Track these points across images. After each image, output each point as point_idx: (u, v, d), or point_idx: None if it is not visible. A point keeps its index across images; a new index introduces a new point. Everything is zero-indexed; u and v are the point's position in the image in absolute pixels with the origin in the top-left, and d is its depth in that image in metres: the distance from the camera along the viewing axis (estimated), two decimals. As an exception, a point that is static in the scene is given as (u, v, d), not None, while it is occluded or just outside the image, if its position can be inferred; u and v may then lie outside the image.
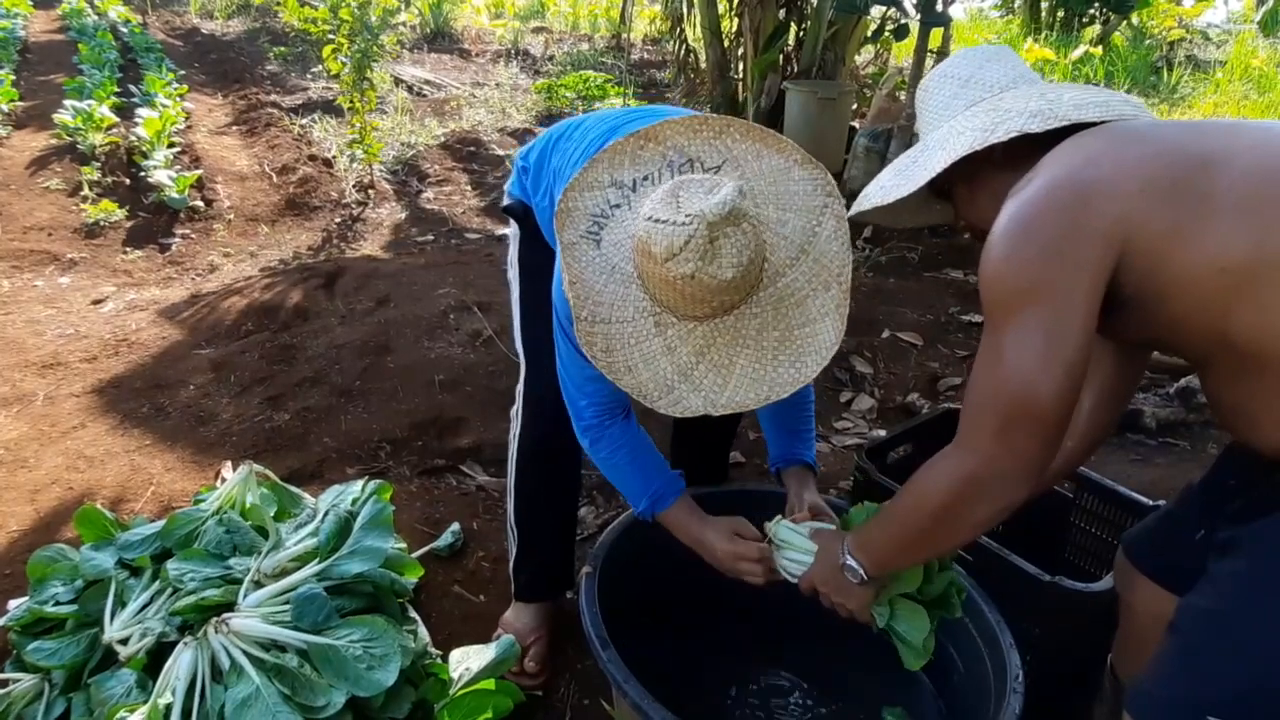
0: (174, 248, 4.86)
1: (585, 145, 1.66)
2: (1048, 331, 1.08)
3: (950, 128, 1.33)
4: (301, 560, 1.81)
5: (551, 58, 10.36)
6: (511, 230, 2.00)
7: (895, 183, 1.36)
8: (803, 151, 1.46)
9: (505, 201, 1.95)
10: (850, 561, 1.41)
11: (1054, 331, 1.08)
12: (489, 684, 1.73)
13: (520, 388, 1.96)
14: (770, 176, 1.44)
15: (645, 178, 1.46)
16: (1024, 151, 1.22)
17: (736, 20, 6.37)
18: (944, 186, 1.37)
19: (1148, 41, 10.34)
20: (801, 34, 6.06)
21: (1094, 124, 1.21)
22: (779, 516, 1.68)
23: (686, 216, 1.28)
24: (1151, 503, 1.98)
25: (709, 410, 1.36)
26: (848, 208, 1.44)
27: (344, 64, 5.51)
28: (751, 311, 1.37)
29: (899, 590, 1.47)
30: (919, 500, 1.25)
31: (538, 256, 1.88)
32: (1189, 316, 1.10)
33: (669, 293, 1.34)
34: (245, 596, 1.71)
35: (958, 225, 1.46)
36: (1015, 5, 12.16)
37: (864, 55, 7.35)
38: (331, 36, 5.51)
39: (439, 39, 11.10)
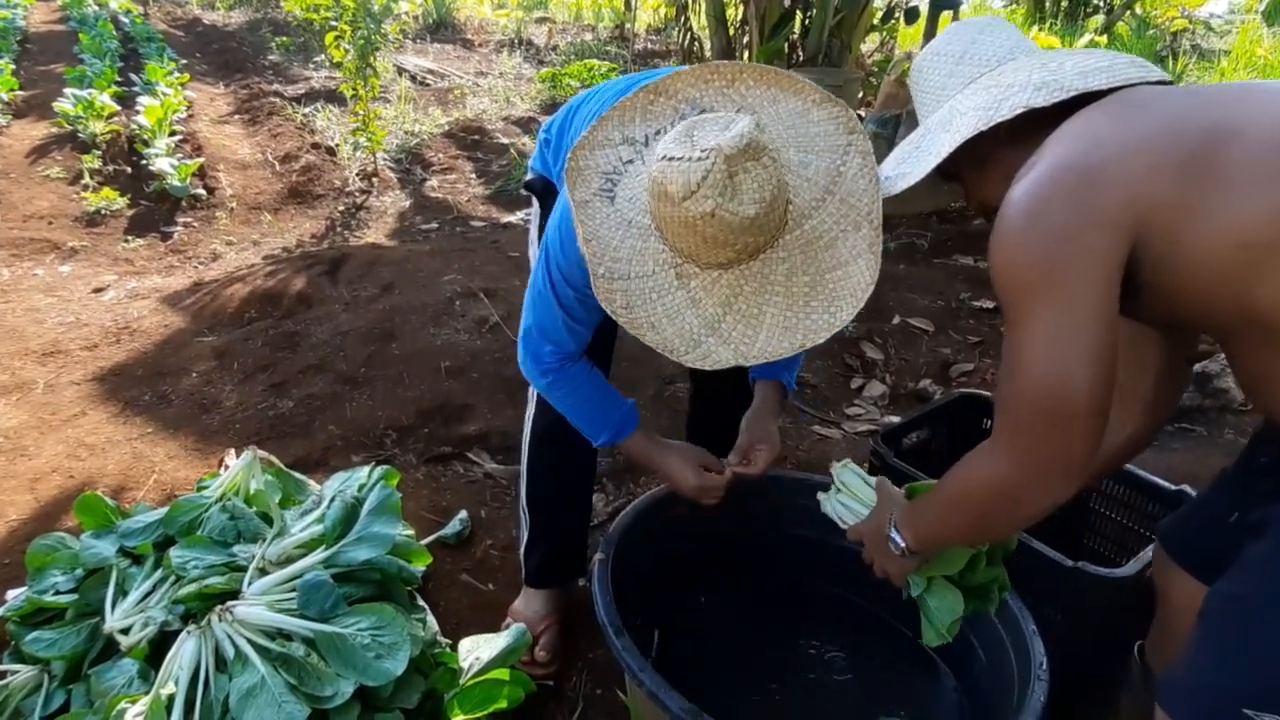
0: (176, 236, 4.81)
1: (603, 108, 1.62)
2: (1067, 325, 1.04)
3: (951, 108, 1.28)
4: (307, 547, 1.78)
5: (555, 47, 10.30)
6: (533, 209, 1.95)
7: (899, 172, 1.32)
8: (821, 90, 1.40)
9: (527, 177, 1.90)
10: (894, 534, 1.39)
11: (1073, 324, 1.03)
12: (500, 673, 1.69)
13: None
14: (788, 121, 1.38)
15: (658, 132, 1.40)
16: (1031, 125, 1.16)
17: (741, 8, 6.30)
18: (950, 168, 1.30)
19: (1151, 32, 10.26)
20: (807, 21, 6.00)
21: (1103, 92, 1.16)
22: (846, 460, 1.66)
23: (702, 151, 1.23)
24: (1173, 487, 1.94)
25: (740, 362, 1.31)
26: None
27: (347, 51, 5.46)
28: (778, 256, 1.31)
29: (940, 570, 1.45)
30: (961, 495, 1.24)
31: None
32: (1210, 294, 1.06)
33: (689, 238, 1.28)
34: (250, 584, 1.67)
35: (969, 205, 1.40)
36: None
37: (870, 43, 7.29)
38: (334, 24, 5.46)
39: (442, 29, 11.04)
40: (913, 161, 1.30)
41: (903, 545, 1.38)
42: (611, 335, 1.91)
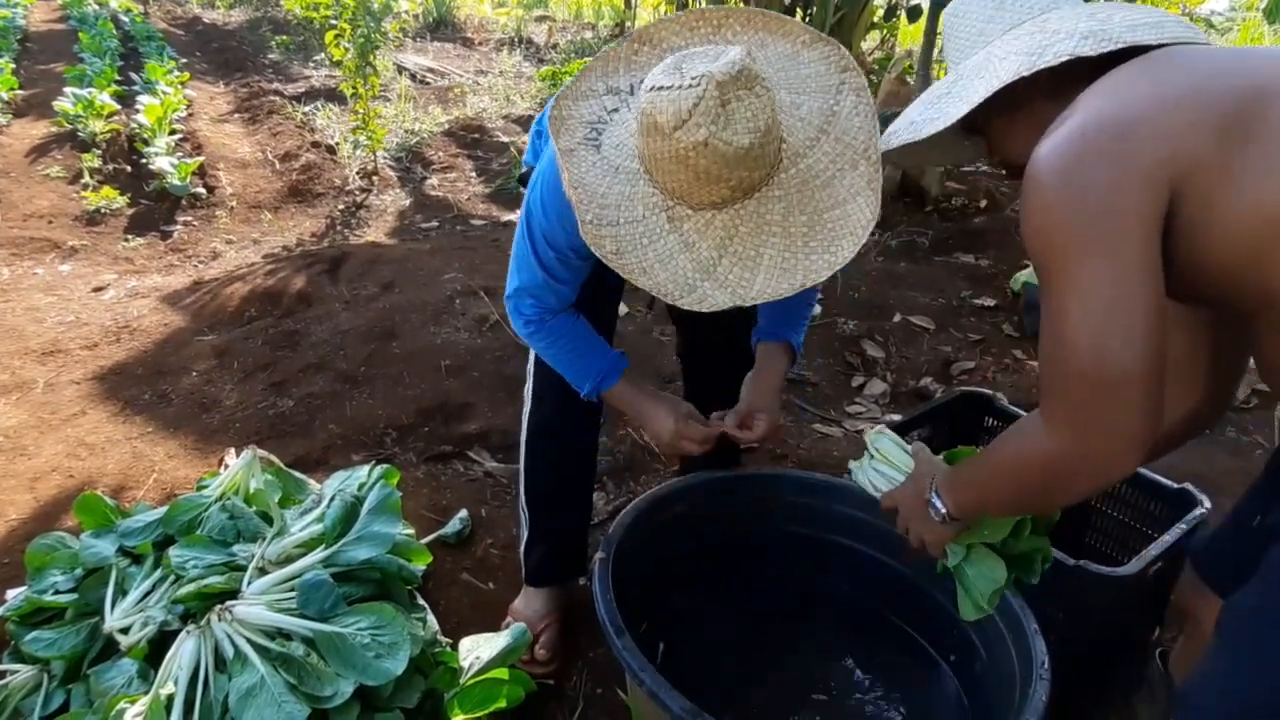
0: (176, 235, 4.81)
1: None
2: (1110, 285, 0.96)
3: (989, 53, 1.20)
4: (307, 546, 1.77)
5: (555, 46, 10.29)
6: None
7: (928, 116, 1.23)
8: (811, 30, 1.37)
9: (521, 170, 1.89)
10: (935, 499, 1.33)
11: (1117, 284, 0.96)
12: (500, 673, 1.68)
13: (530, 366, 1.92)
14: (778, 64, 1.35)
15: (643, 81, 1.37)
16: (1070, 79, 1.10)
17: (742, 6, 6.30)
18: (977, 120, 1.23)
19: (1155, 28, 10.23)
20: (808, 20, 5.99)
21: (1148, 49, 1.10)
22: (881, 425, 1.60)
23: (693, 79, 1.19)
24: (1175, 485, 1.93)
25: (737, 303, 1.27)
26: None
27: (346, 50, 5.46)
28: (774, 194, 1.27)
29: (981, 538, 1.38)
30: (1010, 466, 1.16)
31: None
32: (1235, 270, 1.00)
33: (681, 174, 1.24)
34: (249, 584, 1.67)
35: (992, 161, 1.35)
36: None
37: (870, 41, 7.27)
38: (334, 23, 5.46)
39: (442, 28, 11.04)
40: (942, 106, 1.23)
41: (944, 511, 1.31)
42: (617, 294, 1.90)
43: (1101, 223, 0.98)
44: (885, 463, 1.53)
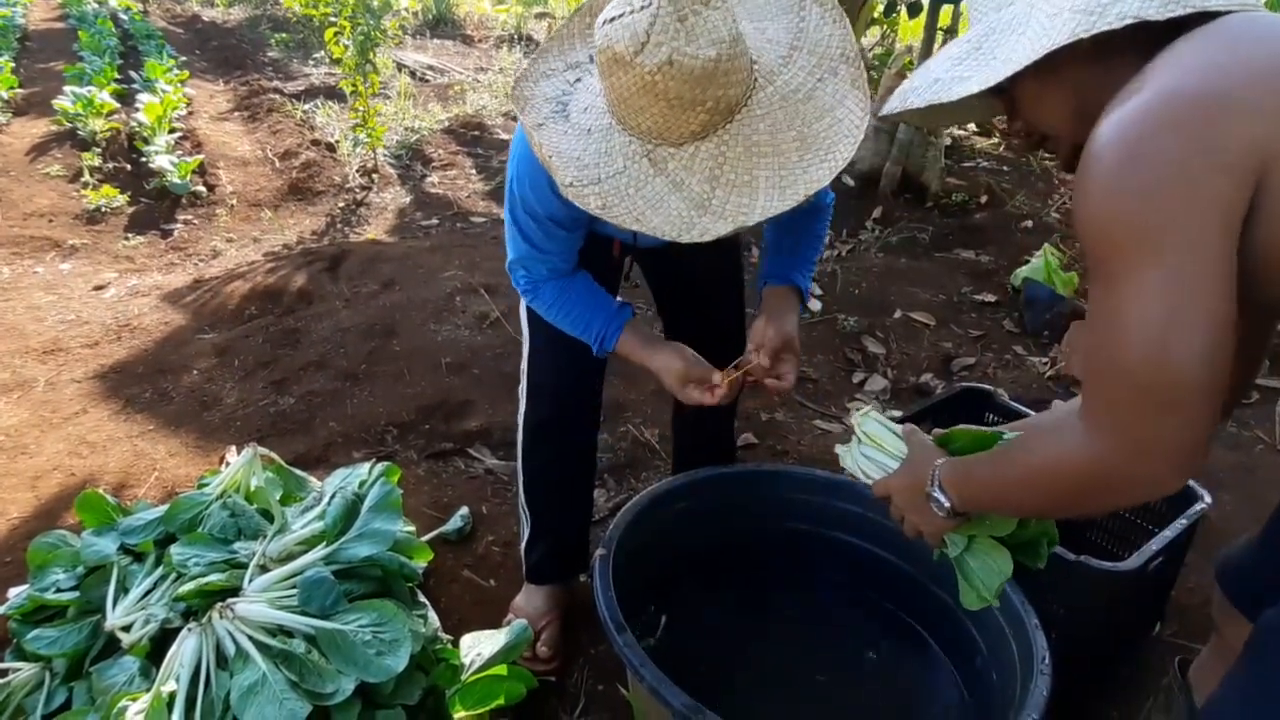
0: (176, 233, 4.81)
1: None
2: (1175, 285, 0.86)
3: (1030, 4, 1.06)
4: (308, 544, 1.78)
5: (554, 42, 10.27)
6: None
7: (957, 75, 1.10)
8: None
9: None
10: (938, 494, 1.23)
11: (1184, 285, 0.85)
12: (501, 669, 1.69)
13: (524, 365, 1.91)
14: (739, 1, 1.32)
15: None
16: (1126, 45, 0.98)
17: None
18: (1003, 81, 1.09)
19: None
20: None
21: (1218, 14, 0.97)
22: (868, 406, 1.50)
23: (644, 1, 1.16)
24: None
25: (741, 228, 1.23)
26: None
27: (346, 47, 5.45)
28: (756, 114, 1.23)
29: (987, 531, 1.30)
30: (1041, 473, 1.05)
31: None
32: None
33: (653, 106, 1.20)
34: (250, 581, 1.67)
35: (1010, 128, 1.20)
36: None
37: (870, 37, 7.26)
38: (333, 20, 5.45)
39: (441, 25, 11.02)
40: (974, 64, 1.09)
41: (948, 506, 1.22)
42: (620, 266, 1.90)
43: (1175, 214, 0.86)
44: (874, 447, 1.44)
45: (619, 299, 1.73)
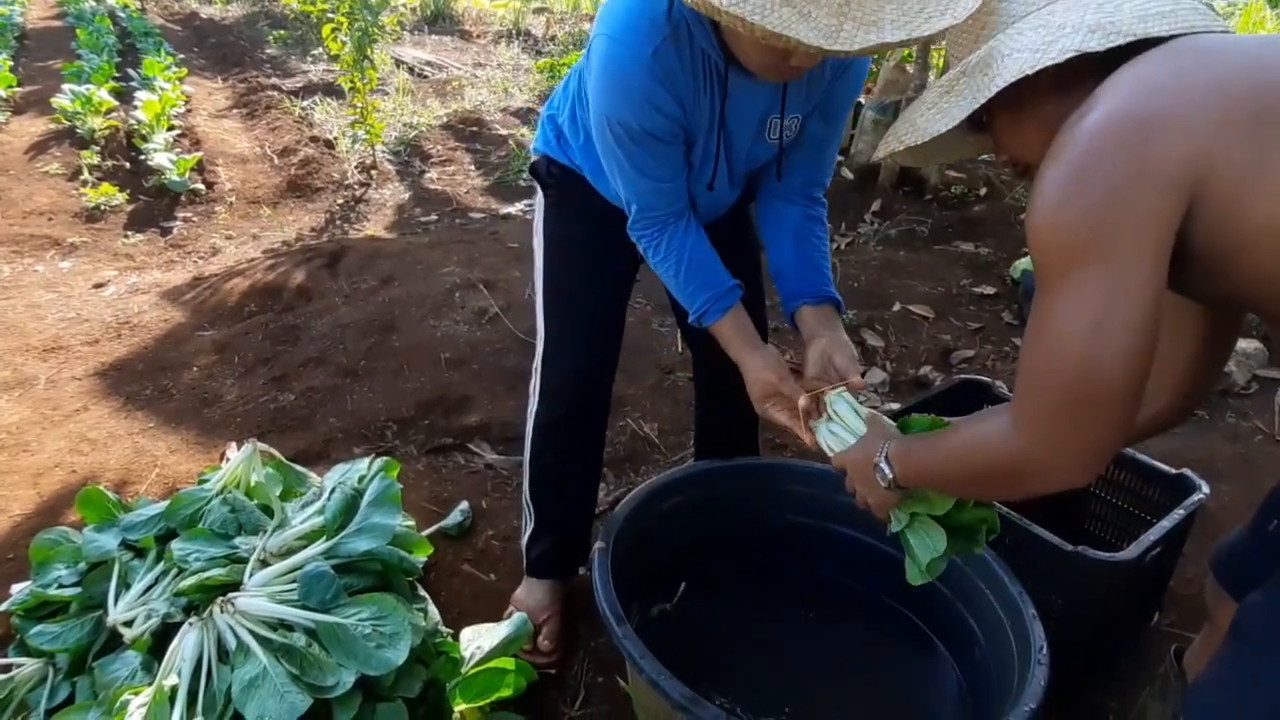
0: (175, 231, 4.81)
1: None
2: (1108, 294, 0.92)
3: (991, 49, 1.15)
4: (308, 539, 1.78)
5: (553, 38, 10.27)
6: (536, 199, 1.90)
7: (930, 117, 1.19)
8: None
9: (532, 159, 1.86)
10: (883, 463, 1.31)
11: (1115, 294, 0.92)
12: (502, 662, 1.69)
13: (538, 363, 1.90)
14: None
15: None
16: (1079, 74, 1.04)
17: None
18: (983, 117, 1.18)
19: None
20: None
21: (1160, 40, 1.03)
22: (841, 386, 1.55)
23: None
24: (1174, 471, 1.94)
25: (883, 42, 1.19)
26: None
27: (344, 44, 5.44)
28: None
29: (924, 509, 1.38)
30: (965, 453, 1.15)
31: (564, 226, 1.83)
32: (1265, 273, 0.94)
33: None
34: (251, 576, 1.68)
35: (999, 159, 1.26)
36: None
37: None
38: (331, 16, 5.44)
39: (440, 21, 11.01)
40: (944, 106, 1.18)
41: (890, 476, 1.31)
42: (627, 289, 1.90)
43: (1116, 225, 0.92)
44: (841, 424, 1.51)
45: (730, 280, 1.66)
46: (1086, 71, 1.03)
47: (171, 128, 6.02)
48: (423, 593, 1.93)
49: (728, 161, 1.63)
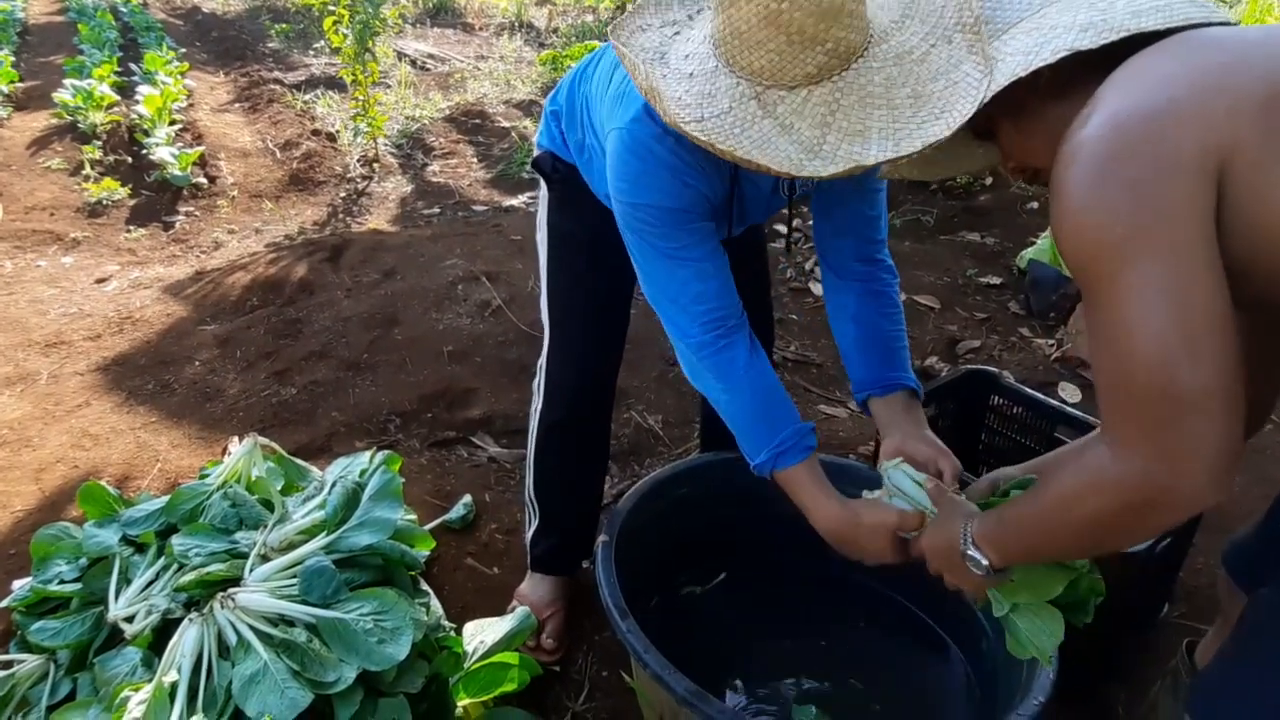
0: (177, 225, 4.80)
1: (615, 63, 1.53)
2: (1162, 286, 0.86)
3: (986, 55, 1.14)
4: (309, 533, 1.77)
5: (556, 30, 10.23)
6: (539, 192, 1.87)
7: (927, 127, 1.17)
8: None
9: (535, 153, 1.83)
10: (973, 552, 1.18)
11: (1177, 292, 0.86)
12: (506, 656, 1.68)
13: (543, 361, 1.88)
14: None
15: (699, 10, 1.31)
16: (1078, 75, 1.02)
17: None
18: (986, 125, 1.17)
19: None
20: None
21: (1156, 36, 1.00)
22: (899, 459, 1.45)
23: None
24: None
25: (857, 169, 1.16)
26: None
27: (345, 36, 5.42)
28: (871, 66, 1.18)
29: (1034, 597, 1.23)
30: (1070, 505, 1.00)
31: (567, 221, 1.81)
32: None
33: (772, 41, 1.16)
34: (251, 571, 1.67)
35: (1005, 169, 1.25)
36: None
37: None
38: (333, 9, 5.42)
39: (441, 13, 10.96)
40: (944, 114, 1.16)
41: (985, 564, 1.17)
42: (631, 284, 1.86)
43: (1149, 221, 0.87)
44: (902, 498, 1.41)
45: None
46: (1087, 73, 1.01)
47: (173, 122, 6.00)
48: (425, 587, 1.92)
49: (741, 220, 1.59)
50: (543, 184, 1.83)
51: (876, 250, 1.68)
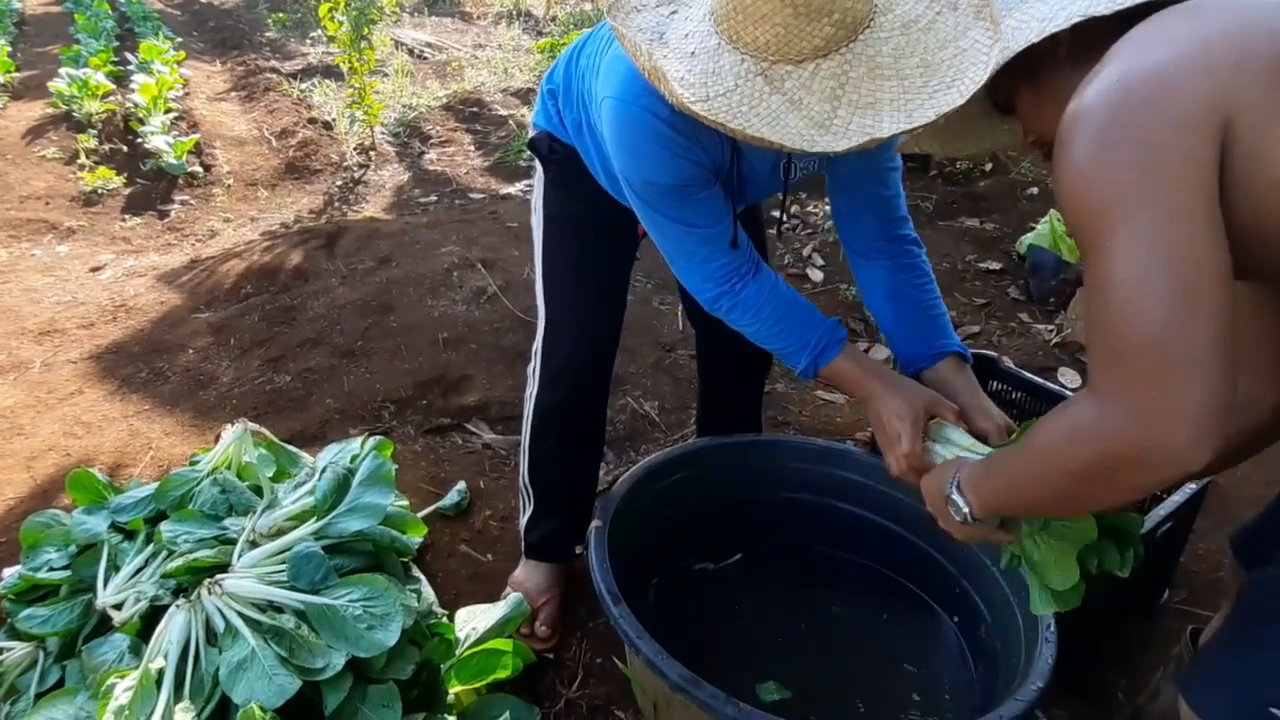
0: (173, 214, 4.78)
1: (610, 38, 1.49)
2: (1164, 243, 0.84)
3: (994, 20, 1.14)
4: (298, 519, 1.75)
5: (554, 18, 10.17)
6: (535, 177, 1.84)
7: (939, 98, 1.16)
8: None
9: (530, 134, 1.80)
10: (955, 497, 1.17)
11: (1173, 242, 0.84)
12: (499, 643, 1.66)
13: (538, 346, 1.86)
14: None
15: None
16: (1096, 43, 0.99)
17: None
18: (1007, 98, 1.15)
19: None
20: None
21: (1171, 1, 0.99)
22: (937, 418, 1.43)
23: None
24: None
25: (871, 144, 1.14)
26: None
27: (342, 24, 5.39)
28: (879, 36, 1.16)
29: (1064, 541, 1.16)
30: (1051, 456, 0.98)
31: (564, 204, 1.78)
32: None
33: (778, 14, 1.13)
34: (240, 557, 1.65)
35: (1026, 143, 1.22)
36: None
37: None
38: (329, -3, 5.39)
39: (439, 2, 10.91)
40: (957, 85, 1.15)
41: (965, 511, 1.16)
42: (628, 268, 1.86)
43: (1148, 172, 0.86)
44: (947, 445, 1.40)
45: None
46: (1105, 40, 0.98)
47: (169, 111, 5.97)
48: (417, 573, 1.90)
49: (738, 201, 1.55)
50: (539, 166, 1.80)
51: (899, 226, 1.66)
